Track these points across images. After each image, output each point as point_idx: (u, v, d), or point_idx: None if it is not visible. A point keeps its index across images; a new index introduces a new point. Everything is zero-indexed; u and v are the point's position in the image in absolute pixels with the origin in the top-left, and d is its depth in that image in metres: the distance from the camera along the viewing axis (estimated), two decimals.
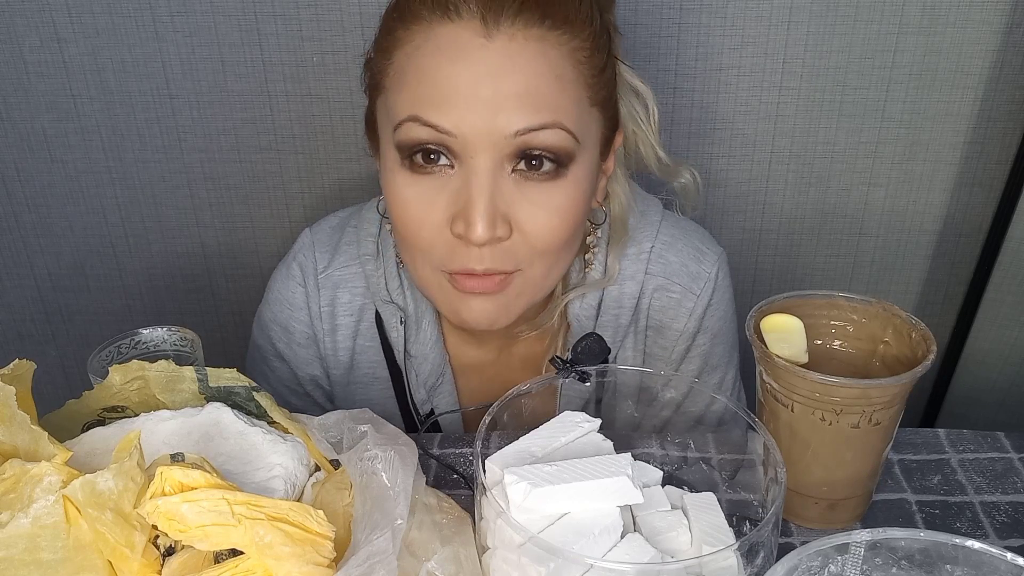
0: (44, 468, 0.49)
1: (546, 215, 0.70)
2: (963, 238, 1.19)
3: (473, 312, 0.74)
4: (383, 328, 0.86)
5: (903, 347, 0.65)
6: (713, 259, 0.86)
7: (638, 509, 0.55)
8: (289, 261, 0.88)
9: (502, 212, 0.69)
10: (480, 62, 0.66)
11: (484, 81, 0.66)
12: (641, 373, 0.68)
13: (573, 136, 0.69)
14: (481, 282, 0.72)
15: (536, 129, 0.67)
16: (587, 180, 0.73)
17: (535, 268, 0.73)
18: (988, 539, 0.60)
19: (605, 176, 0.79)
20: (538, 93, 0.67)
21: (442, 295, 0.75)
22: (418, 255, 0.74)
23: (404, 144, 0.69)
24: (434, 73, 0.67)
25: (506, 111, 0.66)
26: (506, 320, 0.75)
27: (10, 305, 1.29)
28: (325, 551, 0.50)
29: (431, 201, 0.70)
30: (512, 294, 0.74)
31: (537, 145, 0.68)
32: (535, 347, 0.87)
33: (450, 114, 0.66)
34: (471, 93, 0.66)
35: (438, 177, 0.69)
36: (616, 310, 0.84)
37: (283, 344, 0.88)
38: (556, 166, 0.69)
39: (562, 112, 0.68)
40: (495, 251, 0.70)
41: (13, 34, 1.09)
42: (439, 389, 0.86)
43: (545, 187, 0.70)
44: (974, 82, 1.09)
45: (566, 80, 0.68)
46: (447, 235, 0.70)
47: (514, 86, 0.66)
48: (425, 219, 0.70)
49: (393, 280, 0.84)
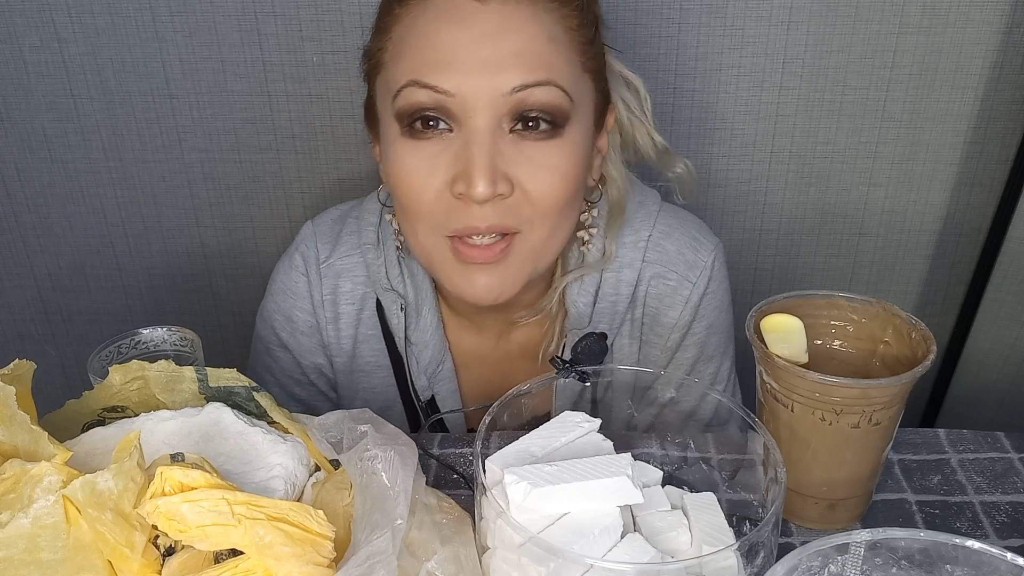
0: (44, 468, 0.49)
1: (547, 173, 0.72)
2: (963, 238, 1.19)
3: (476, 287, 0.74)
4: (384, 317, 0.86)
5: (903, 347, 0.65)
6: (710, 248, 0.86)
7: (638, 509, 0.55)
8: (292, 252, 0.89)
9: (502, 171, 0.70)
10: (477, 24, 0.69)
11: (481, 42, 0.69)
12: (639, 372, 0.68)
13: (567, 94, 0.71)
14: (483, 251, 0.72)
15: (532, 85, 0.69)
16: (583, 144, 0.74)
17: (536, 231, 0.74)
18: (988, 539, 0.60)
19: (600, 155, 0.80)
20: (533, 52, 0.69)
21: (445, 267, 0.76)
22: (420, 224, 0.74)
23: (404, 111, 0.71)
24: (433, 38, 0.70)
25: (503, 70, 0.69)
26: (510, 291, 0.75)
27: (10, 305, 1.29)
28: (325, 551, 0.50)
29: (432, 166, 0.71)
30: (515, 262, 0.74)
31: (533, 103, 0.70)
32: (533, 334, 0.88)
33: (449, 75, 0.69)
34: (469, 54, 0.69)
35: (437, 142, 0.71)
36: (613, 297, 0.85)
37: (286, 333, 0.89)
38: (552, 126, 0.71)
39: (556, 71, 0.70)
40: (497, 208, 0.71)
41: (13, 34, 1.09)
42: (439, 376, 0.87)
43: (543, 146, 0.71)
44: (974, 82, 1.09)
45: (559, 42, 0.71)
46: (448, 198, 0.71)
47: (510, 46, 0.69)
48: (427, 184, 0.72)
49: (393, 268, 0.84)
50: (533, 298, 0.84)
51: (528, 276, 0.76)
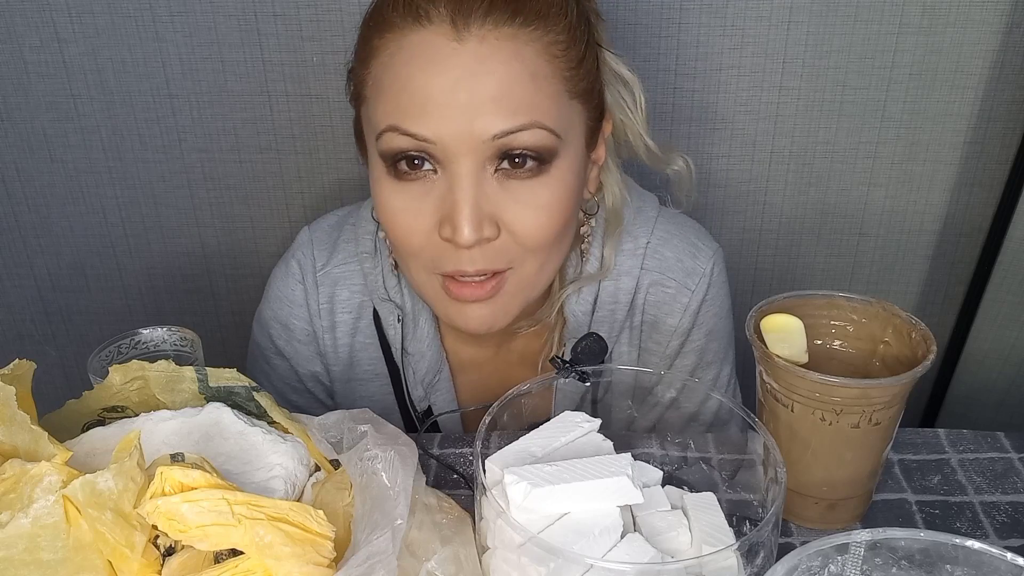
0: (44, 468, 0.49)
1: (532, 213, 0.70)
2: (963, 238, 1.19)
3: (470, 319, 0.74)
4: (381, 325, 0.86)
5: (903, 347, 0.65)
6: (709, 255, 0.86)
7: (638, 509, 0.55)
8: (288, 259, 0.88)
9: (488, 213, 0.69)
10: (453, 68, 0.66)
11: (458, 87, 0.66)
12: (638, 372, 0.68)
13: (553, 133, 0.69)
14: (474, 290, 0.72)
15: (515, 131, 0.67)
16: (572, 174, 0.73)
17: (527, 266, 0.73)
18: (988, 539, 0.60)
19: (596, 166, 0.79)
20: (513, 95, 0.67)
21: (438, 301, 0.76)
22: (411, 260, 0.75)
23: (387, 153, 0.70)
24: (409, 82, 0.67)
25: (483, 116, 0.66)
26: (504, 322, 0.76)
27: (10, 305, 1.29)
28: (325, 551, 0.50)
29: (418, 208, 0.70)
30: (507, 296, 0.74)
31: (517, 145, 0.68)
32: (532, 344, 0.87)
33: (427, 123, 0.67)
34: (446, 100, 0.66)
35: (423, 183, 0.70)
36: (612, 305, 0.84)
37: (283, 341, 0.89)
38: (538, 163, 0.70)
39: (540, 111, 0.68)
40: (485, 251, 0.70)
41: (13, 34, 1.09)
42: (436, 387, 0.87)
43: (529, 184, 0.70)
44: (974, 82, 1.09)
45: (542, 78, 0.68)
46: (436, 239, 0.71)
47: (489, 90, 0.66)
48: (414, 226, 0.71)
49: (390, 278, 0.84)
50: (531, 309, 0.83)
51: (522, 305, 0.76)
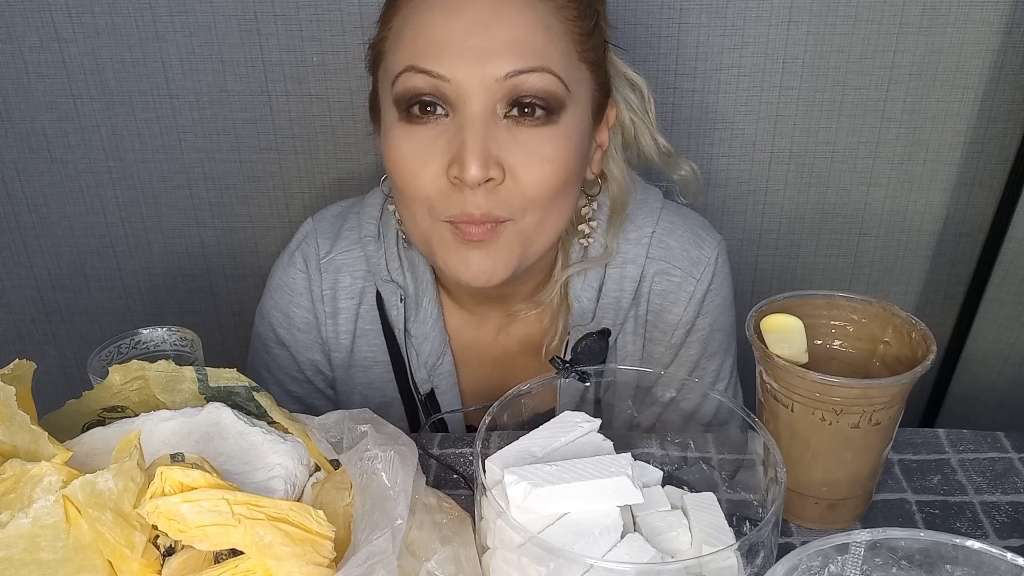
0: (44, 468, 0.49)
1: (537, 162, 0.72)
2: (963, 238, 1.19)
3: (470, 268, 0.75)
4: (384, 311, 0.87)
5: (903, 347, 0.65)
6: (713, 245, 0.87)
7: (638, 509, 0.55)
8: (292, 249, 0.89)
9: (495, 156, 0.71)
10: (470, 13, 0.70)
11: (475, 31, 0.70)
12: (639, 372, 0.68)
13: (562, 81, 0.72)
14: (480, 228, 0.73)
15: (525, 71, 0.70)
16: (579, 134, 0.75)
17: (527, 218, 0.74)
18: (988, 539, 0.60)
19: (600, 149, 0.81)
20: (526, 40, 0.70)
21: (441, 248, 0.76)
22: (418, 207, 0.75)
23: (401, 96, 0.72)
24: (428, 26, 0.71)
25: (496, 57, 0.70)
26: (503, 274, 0.75)
27: (10, 305, 1.29)
28: (325, 551, 0.50)
29: (428, 150, 0.72)
30: (505, 245, 0.74)
31: (527, 89, 0.70)
32: (534, 328, 0.88)
33: (444, 61, 0.70)
34: (463, 42, 0.70)
35: (434, 127, 0.72)
36: (617, 292, 0.85)
37: (283, 329, 0.89)
38: (547, 113, 0.72)
39: (550, 59, 0.71)
40: (490, 196, 0.72)
41: (13, 34, 1.09)
42: (439, 369, 0.87)
43: (536, 133, 0.72)
44: (974, 82, 1.09)
45: (554, 31, 0.72)
46: (444, 182, 0.72)
47: (503, 34, 0.70)
48: (423, 168, 0.72)
49: (394, 260, 0.85)
50: (532, 290, 0.84)
51: (518, 259, 0.76)
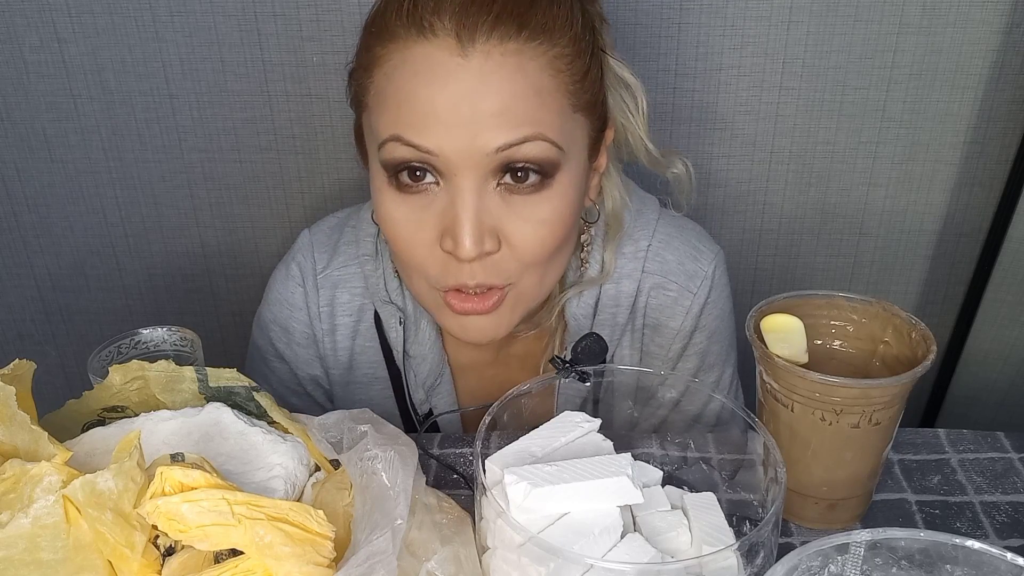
0: (44, 468, 0.49)
1: (533, 228, 0.70)
2: (963, 238, 1.19)
3: (470, 330, 0.74)
4: (382, 328, 0.86)
5: (903, 347, 0.65)
6: (710, 257, 0.86)
7: (638, 509, 0.55)
8: (288, 261, 0.88)
9: (489, 227, 0.69)
10: (457, 82, 0.66)
11: (462, 102, 0.66)
12: (639, 372, 0.68)
13: (556, 146, 0.69)
14: (475, 304, 0.72)
15: (517, 143, 0.67)
16: (574, 188, 0.72)
17: (526, 280, 0.73)
18: (988, 539, 0.61)
19: (597, 173, 0.79)
20: (517, 110, 0.67)
21: (439, 313, 0.76)
22: (413, 272, 0.74)
23: (389, 163, 0.70)
24: (412, 95, 0.67)
25: (486, 130, 0.66)
26: (504, 332, 0.76)
27: (10, 305, 1.29)
28: (325, 551, 0.50)
29: (419, 220, 0.70)
30: (507, 309, 0.74)
31: (520, 158, 0.68)
32: (533, 347, 0.87)
33: (430, 135, 0.66)
34: (450, 114, 0.66)
35: (425, 195, 0.70)
36: (613, 309, 0.84)
37: (283, 344, 0.88)
38: (541, 177, 0.69)
39: (543, 124, 0.68)
40: (485, 265, 0.70)
41: (13, 34, 1.09)
42: (438, 389, 0.87)
43: (531, 199, 0.70)
44: (974, 82, 1.09)
45: (546, 92, 0.68)
46: (438, 252, 0.71)
47: (492, 105, 0.66)
48: (415, 238, 0.71)
49: (392, 281, 0.84)
50: (533, 313, 0.83)
51: (523, 315, 0.77)
